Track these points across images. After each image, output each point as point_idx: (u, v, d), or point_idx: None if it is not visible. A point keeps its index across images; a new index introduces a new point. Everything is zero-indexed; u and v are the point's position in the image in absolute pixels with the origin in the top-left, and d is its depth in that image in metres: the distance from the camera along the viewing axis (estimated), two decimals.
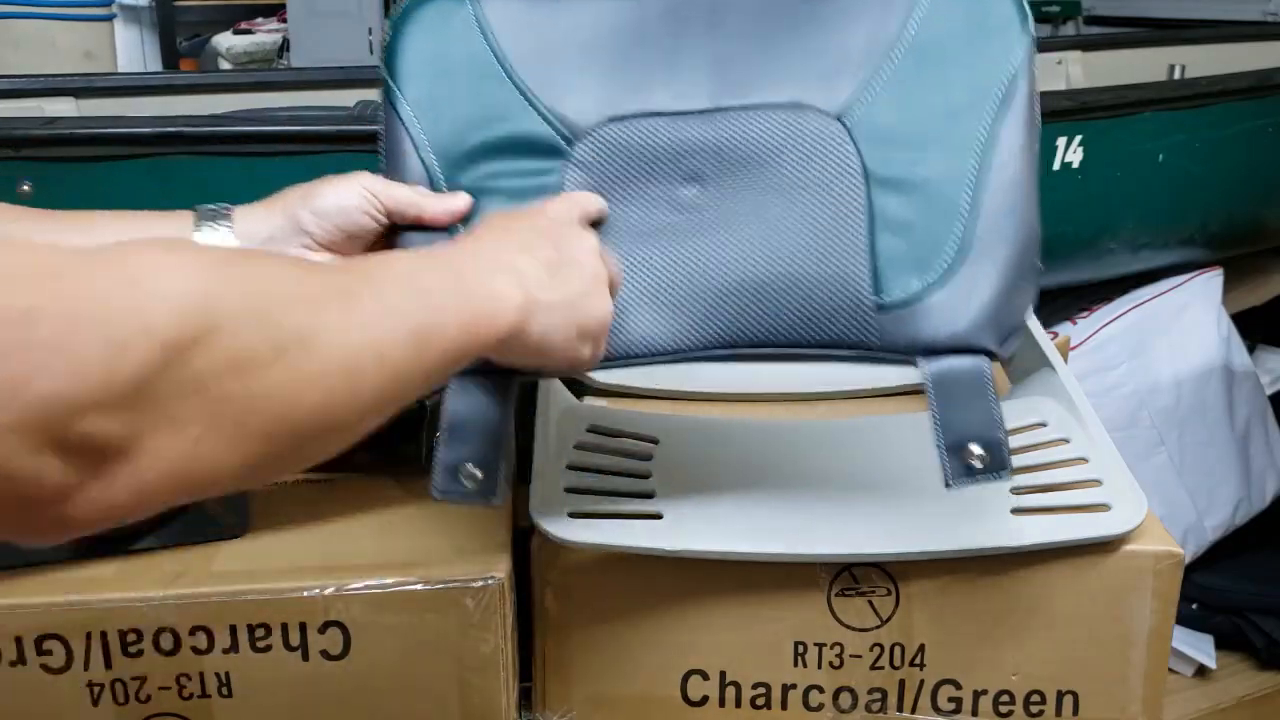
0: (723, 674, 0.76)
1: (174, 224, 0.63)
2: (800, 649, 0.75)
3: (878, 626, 0.75)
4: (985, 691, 0.76)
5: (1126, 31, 2.35)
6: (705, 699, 0.76)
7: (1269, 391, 1.64)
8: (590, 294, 0.59)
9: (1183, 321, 1.52)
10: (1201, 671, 1.47)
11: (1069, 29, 2.61)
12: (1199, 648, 1.47)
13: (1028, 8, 0.67)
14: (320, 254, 0.65)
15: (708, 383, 0.96)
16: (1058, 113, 1.33)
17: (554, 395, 0.86)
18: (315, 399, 0.40)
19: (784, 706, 0.76)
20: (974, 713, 0.76)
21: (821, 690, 0.76)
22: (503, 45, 0.69)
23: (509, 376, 0.64)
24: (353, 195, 0.66)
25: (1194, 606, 1.49)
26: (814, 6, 0.69)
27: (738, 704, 0.76)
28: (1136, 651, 0.75)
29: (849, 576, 0.74)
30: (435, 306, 0.48)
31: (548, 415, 0.83)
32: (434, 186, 0.68)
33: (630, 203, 0.69)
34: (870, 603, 0.74)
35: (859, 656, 0.75)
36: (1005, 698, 0.76)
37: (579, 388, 0.92)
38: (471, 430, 0.63)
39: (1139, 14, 2.52)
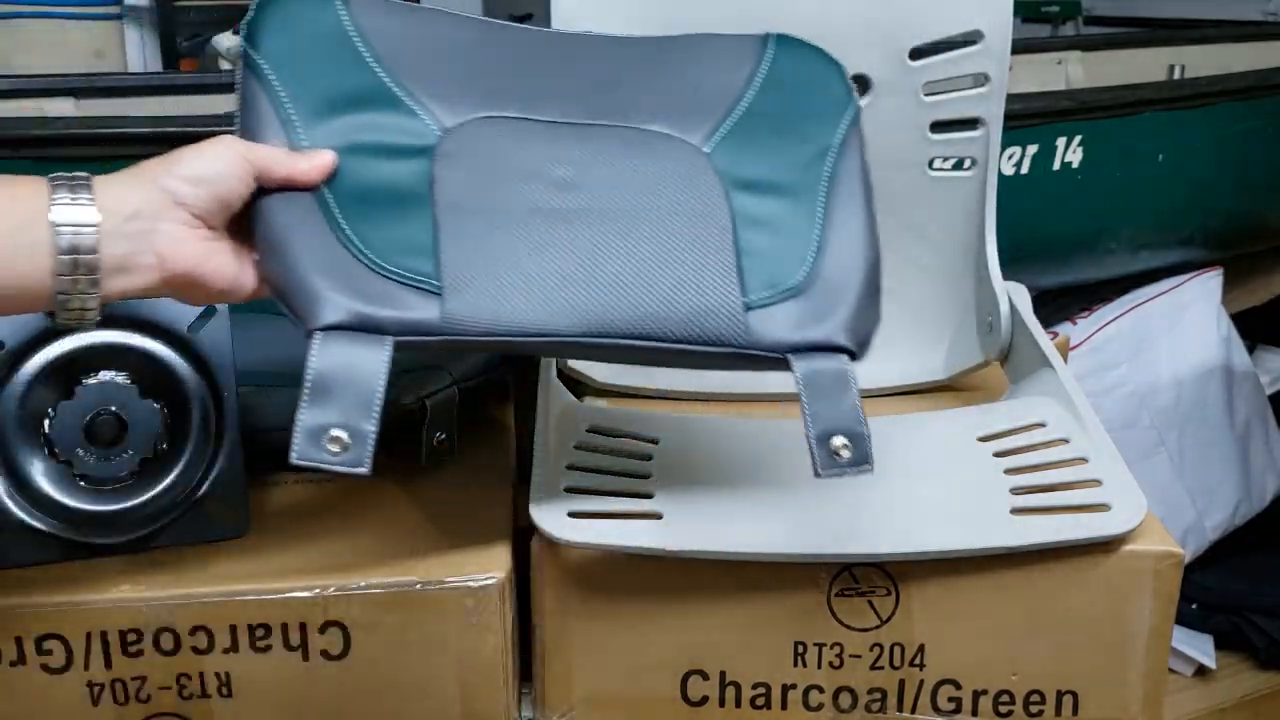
0: (723, 674, 0.76)
1: (26, 190, 0.59)
2: (800, 649, 0.75)
3: (878, 626, 0.75)
4: (985, 691, 0.76)
5: (1126, 31, 2.34)
6: (705, 699, 0.77)
7: (1269, 391, 1.64)
8: None
9: (1183, 321, 1.52)
10: (1201, 671, 1.47)
11: (1069, 29, 2.61)
12: (1199, 648, 1.47)
13: (852, 83, 0.77)
14: (196, 227, 0.62)
15: (708, 383, 0.96)
16: (1058, 113, 1.33)
17: (554, 395, 0.86)
18: None
19: (784, 706, 0.76)
20: (974, 713, 0.76)
21: (821, 690, 0.76)
22: (372, 43, 0.70)
23: (383, 336, 0.62)
24: (231, 159, 0.63)
25: (1194, 606, 1.49)
26: (672, 57, 0.77)
27: (738, 704, 0.76)
28: (1136, 651, 0.75)
29: (849, 576, 0.74)
30: None
31: (548, 415, 0.83)
32: (294, 149, 0.66)
33: (500, 192, 0.68)
34: (870, 603, 0.74)
35: (859, 656, 0.75)
36: (1005, 698, 0.76)
37: (579, 388, 0.92)
38: (339, 391, 0.60)
39: (1139, 14, 2.52)
